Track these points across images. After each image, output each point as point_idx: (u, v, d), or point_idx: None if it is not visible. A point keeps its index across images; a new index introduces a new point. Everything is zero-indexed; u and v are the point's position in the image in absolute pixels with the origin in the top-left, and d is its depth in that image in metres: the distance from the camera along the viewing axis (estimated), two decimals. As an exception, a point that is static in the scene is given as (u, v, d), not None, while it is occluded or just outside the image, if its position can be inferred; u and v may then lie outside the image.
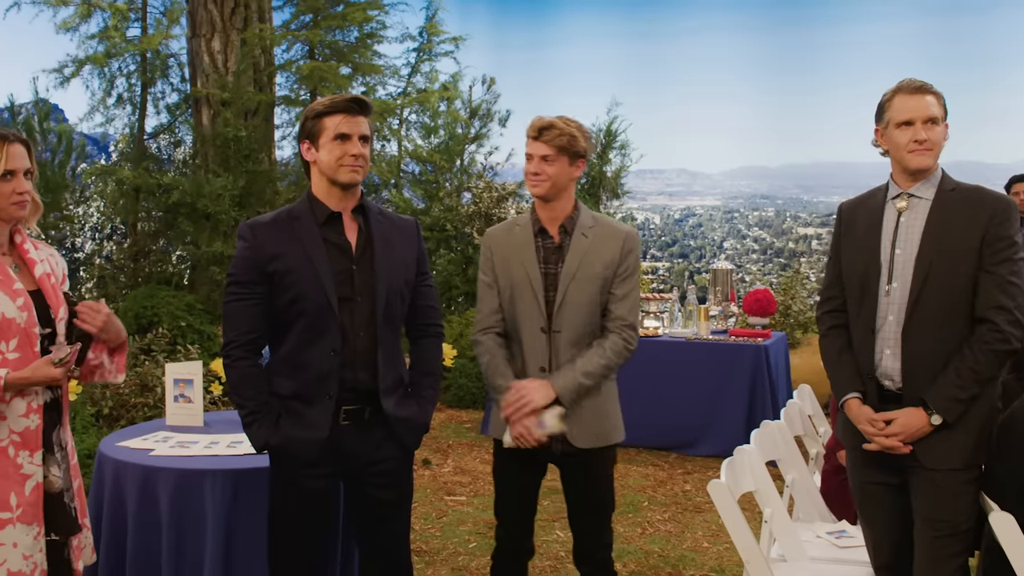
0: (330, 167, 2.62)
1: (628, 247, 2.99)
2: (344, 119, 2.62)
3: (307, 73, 9.02)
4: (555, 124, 2.95)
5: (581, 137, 2.97)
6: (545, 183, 2.95)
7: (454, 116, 10.54)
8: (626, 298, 2.97)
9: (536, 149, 2.96)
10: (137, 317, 7.67)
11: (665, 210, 28.21)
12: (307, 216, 2.65)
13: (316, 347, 2.58)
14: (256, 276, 2.59)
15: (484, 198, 9.44)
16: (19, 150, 2.58)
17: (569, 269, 2.95)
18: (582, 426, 2.97)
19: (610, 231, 3.01)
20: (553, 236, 3.00)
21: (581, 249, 2.97)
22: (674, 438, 6.30)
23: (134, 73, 9.40)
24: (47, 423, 2.58)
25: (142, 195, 8.96)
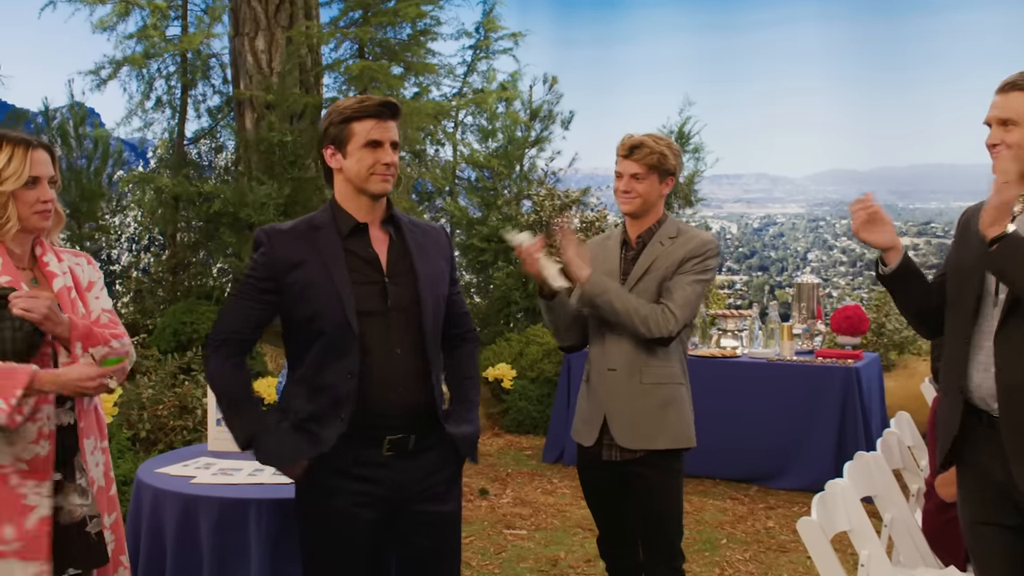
0: (359, 176, 2.62)
1: (696, 251, 3.23)
2: (376, 124, 2.61)
3: (356, 73, 9.12)
4: (645, 143, 3.23)
5: (671, 155, 3.26)
6: (635, 200, 3.27)
7: (513, 118, 10.59)
8: (676, 289, 3.20)
9: (626, 167, 3.25)
10: (176, 334, 7.81)
11: (743, 218, 28.00)
12: (329, 227, 2.65)
13: (334, 369, 2.57)
14: (271, 284, 2.60)
15: (546, 206, 9.46)
16: (43, 156, 2.61)
17: (635, 273, 3.25)
18: (633, 425, 3.21)
19: (686, 239, 3.27)
20: (634, 247, 3.31)
21: (653, 255, 3.26)
22: (755, 469, 6.21)
23: (174, 74, 9.61)
24: (67, 447, 2.62)
25: (181, 204, 9.14)
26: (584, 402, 3.36)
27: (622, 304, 3.16)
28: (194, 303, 8.27)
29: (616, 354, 3.25)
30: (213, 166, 9.86)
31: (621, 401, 3.23)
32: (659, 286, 3.22)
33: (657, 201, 3.29)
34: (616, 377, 3.24)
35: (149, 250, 9.94)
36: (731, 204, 32.54)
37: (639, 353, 3.22)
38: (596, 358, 3.31)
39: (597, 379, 3.29)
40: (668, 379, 3.25)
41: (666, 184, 3.29)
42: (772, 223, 28.05)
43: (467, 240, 10.12)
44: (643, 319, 3.15)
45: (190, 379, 6.08)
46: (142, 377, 6.01)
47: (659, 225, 3.31)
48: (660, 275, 3.22)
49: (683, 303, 3.18)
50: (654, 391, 3.22)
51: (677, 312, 3.17)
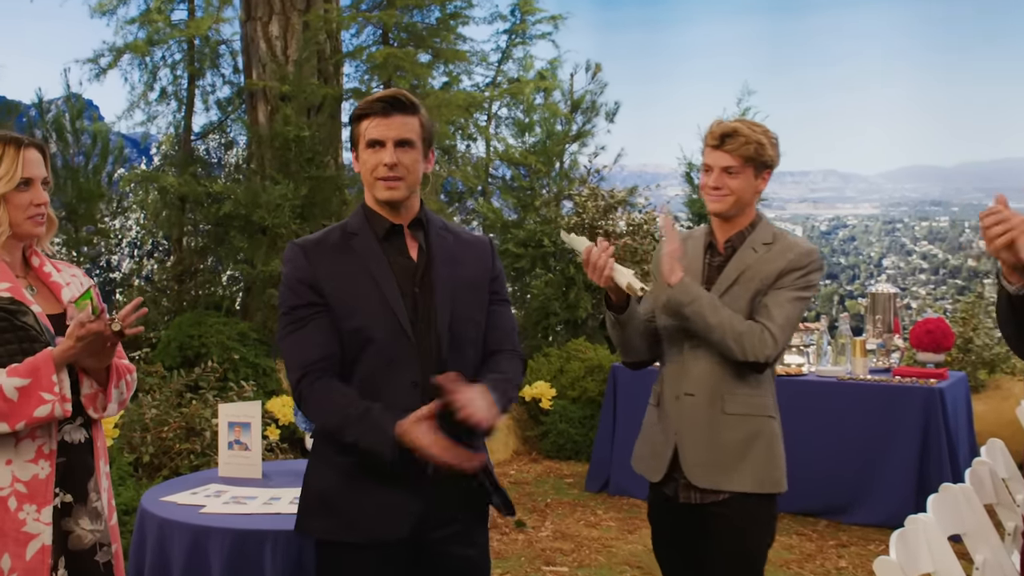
0: (366, 181, 2.66)
1: (798, 263, 3.07)
2: (376, 122, 2.62)
3: (380, 61, 9.17)
4: (739, 130, 3.06)
5: (769, 145, 3.09)
6: (727, 198, 3.10)
7: (552, 110, 10.59)
8: (774, 307, 3.04)
9: (717, 159, 3.08)
10: (182, 348, 7.87)
11: (809, 220, 27.82)
12: (365, 230, 2.67)
13: (391, 381, 2.59)
14: (312, 297, 2.60)
15: (588, 208, 9.44)
16: (35, 156, 2.66)
17: (722, 283, 3.10)
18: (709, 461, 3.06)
19: (785, 247, 3.12)
20: (721, 252, 3.17)
21: (743, 263, 3.10)
22: (824, 502, 6.16)
23: (179, 63, 9.69)
24: (79, 467, 2.65)
25: (188, 205, 9.23)
26: (652, 429, 3.23)
27: (715, 316, 3.00)
28: (202, 314, 8.34)
29: (695, 376, 3.10)
30: (223, 164, 9.94)
31: (697, 432, 3.09)
32: (750, 301, 3.06)
33: (752, 199, 3.13)
34: (693, 404, 3.09)
35: (153, 256, 10.04)
36: (795, 204, 32.34)
37: (725, 377, 3.07)
38: (670, 379, 3.17)
39: (670, 404, 3.15)
40: (757, 410, 3.10)
41: (763, 179, 3.12)
42: (842, 225, 27.84)
43: (501, 245, 10.13)
44: (738, 337, 2.99)
45: (198, 398, 6.12)
46: (145, 396, 6.07)
47: (752, 228, 3.15)
48: (752, 288, 3.07)
49: (783, 323, 3.02)
50: (738, 424, 3.07)
51: (777, 333, 3.01)
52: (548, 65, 10.87)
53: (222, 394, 6.43)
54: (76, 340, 2.54)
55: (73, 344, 2.55)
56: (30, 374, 2.52)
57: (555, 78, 10.82)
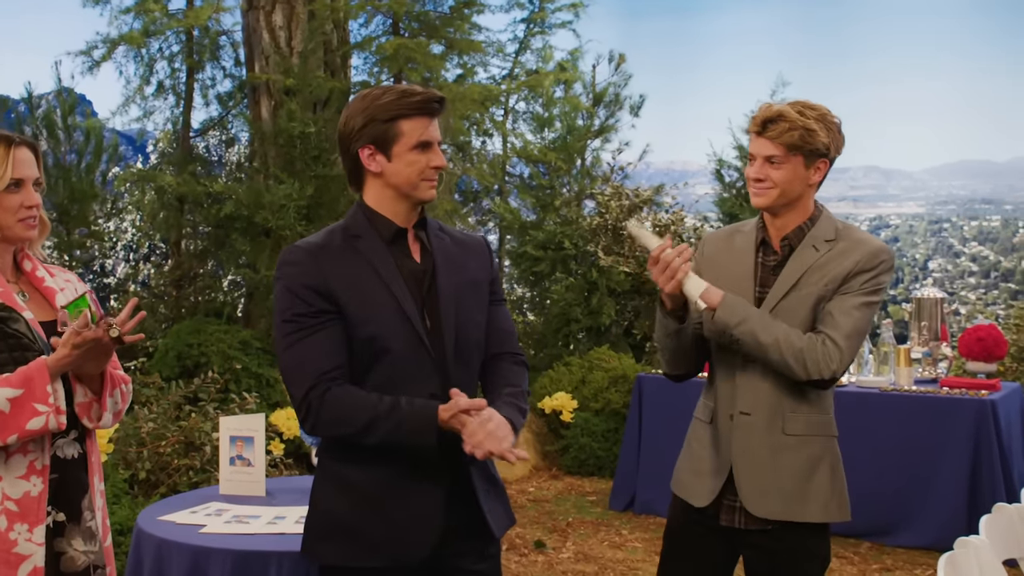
0: (409, 182, 2.65)
1: (868, 263, 2.96)
2: (429, 123, 2.66)
3: (390, 53, 9.18)
4: (785, 114, 2.92)
5: (822, 130, 2.94)
6: (771, 191, 2.97)
7: (573, 104, 10.60)
8: (840, 314, 2.93)
9: (760, 148, 2.96)
10: (180, 357, 7.90)
11: (849, 220, 27.76)
12: (369, 233, 2.69)
13: (408, 393, 2.60)
14: (323, 304, 2.60)
15: (612, 207, 9.44)
16: (26, 155, 2.67)
17: (780, 288, 2.98)
18: (771, 488, 2.96)
19: (852, 244, 3.00)
20: (777, 251, 3.04)
21: (803, 263, 2.98)
22: (866, 522, 6.13)
23: (177, 55, 9.73)
24: (72, 484, 2.66)
25: (187, 206, 9.26)
26: (702, 449, 3.11)
27: (769, 335, 2.88)
28: (202, 321, 8.37)
29: (751, 394, 3.00)
30: (224, 162, 9.97)
31: (755, 455, 2.99)
32: (814, 307, 2.95)
33: (804, 192, 2.98)
34: (750, 424, 3.00)
35: (149, 260, 10.07)
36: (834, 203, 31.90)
37: (784, 394, 2.98)
38: (724, 395, 3.06)
39: (725, 423, 3.05)
40: (820, 430, 3.03)
41: (816, 169, 2.97)
42: (884, 225, 27.71)
43: (519, 247, 10.14)
44: (798, 354, 2.88)
45: (197, 410, 6.15)
46: (141, 408, 6.09)
47: (812, 224, 3.02)
48: (815, 292, 2.95)
49: (850, 333, 2.91)
50: (800, 445, 3.00)
51: (843, 345, 2.90)
52: (569, 56, 10.88)
53: (223, 406, 6.45)
54: (72, 348, 2.54)
55: (68, 352, 2.54)
56: (23, 384, 2.52)
57: (576, 69, 10.83)
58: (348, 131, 2.68)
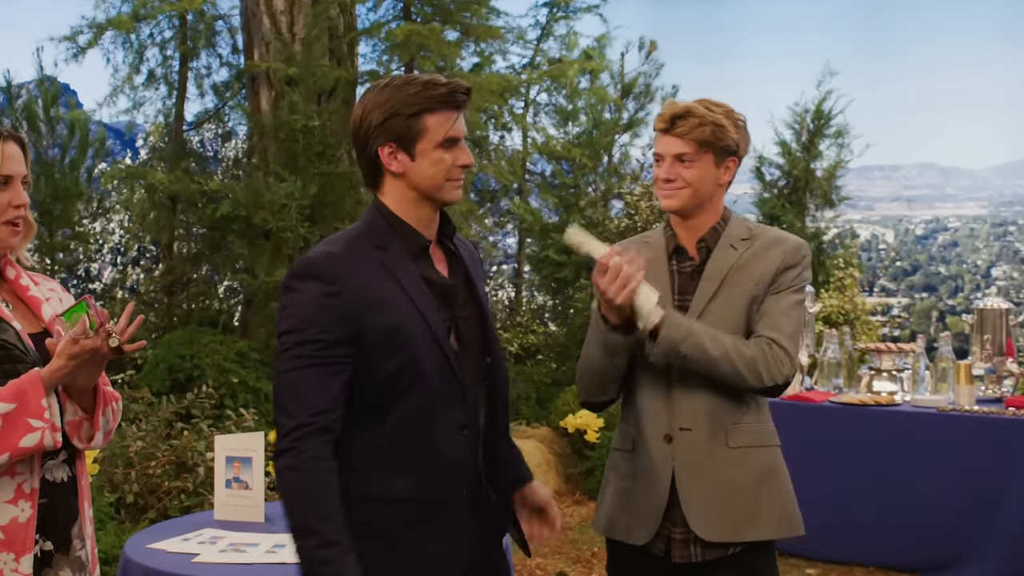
0: (434, 183, 2.60)
1: (794, 258, 3.06)
2: (455, 117, 2.61)
3: (401, 40, 9.18)
4: (693, 110, 3.01)
5: (731, 126, 3.04)
6: (682, 192, 3.05)
7: (600, 95, 10.59)
8: (778, 314, 3.02)
9: (667, 146, 3.05)
10: (172, 370, 7.93)
11: (902, 223, 27.53)
12: (394, 245, 2.63)
13: (435, 427, 2.58)
14: (344, 333, 2.52)
15: (642, 208, 9.44)
16: (14, 151, 2.64)
17: (704, 292, 3.03)
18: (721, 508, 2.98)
19: (770, 241, 3.09)
20: (693, 256, 3.10)
21: (724, 264, 3.05)
22: (923, 554, 6.09)
23: (170, 42, 9.78)
24: (62, 509, 2.65)
25: (180, 206, 9.30)
26: (629, 481, 3.10)
27: (718, 347, 2.92)
28: (195, 331, 8.39)
29: (690, 407, 3.01)
30: (220, 158, 10.02)
31: (699, 474, 2.99)
32: (747, 308, 3.02)
33: (715, 192, 3.07)
34: (692, 440, 3.00)
35: (138, 264, 10.11)
36: (886, 204, 31.96)
37: (725, 405, 3.01)
38: (654, 416, 3.05)
39: (658, 446, 3.03)
40: (763, 440, 3.06)
41: (726, 169, 3.07)
42: (942, 228, 27.58)
43: (540, 252, 10.14)
44: (750, 363, 2.93)
45: (190, 428, 6.16)
46: (129, 426, 6.11)
47: (724, 224, 3.11)
48: (747, 292, 3.02)
49: (791, 333, 3.00)
50: (746, 458, 3.02)
51: (790, 348, 2.98)
52: (595, 43, 10.88)
53: (218, 424, 6.46)
54: (68, 359, 2.52)
55: (65, 364, 2.52)
56: (15, 398, 2.50)
57: (603, 58, 10.83)
58: (365, 127, 2.60)
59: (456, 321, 2.65)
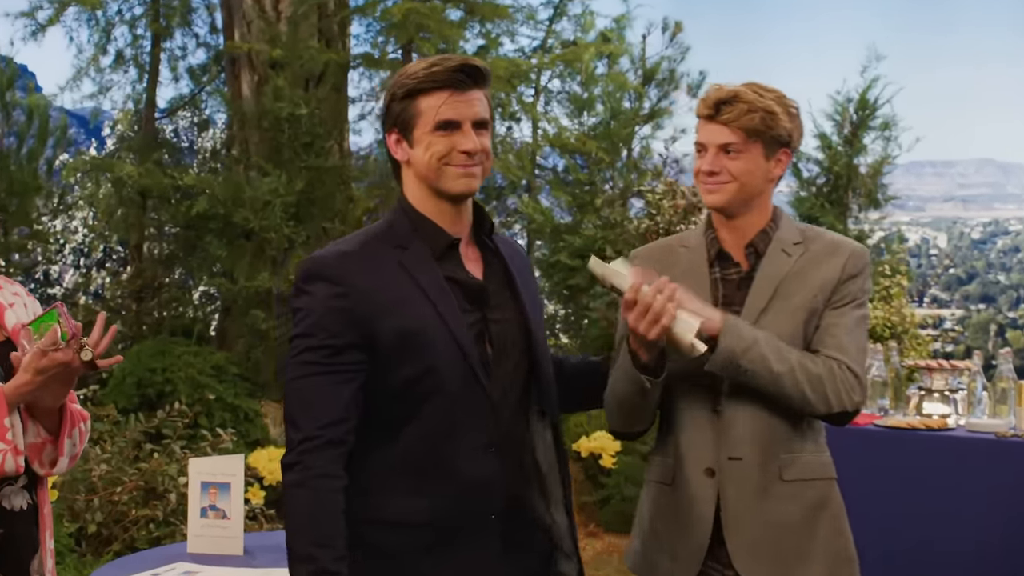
0: (430, 171, 2.64)
1: (852, 269, 2.99)
2: (450, 98, 2.63)
3: (398, 19, 9.18)
4: (741, 95, 2.94)
5: (783, 114, 2.98)
6: (727, 187, 2.98)
7: (619, 82, 10.60)
8: (842, 332, 2.96)
9: (711, 135, 2.99)
10: (141, 385, 7.93)
11: (956, 225, 27.43)
12: (415, 244, 2.67)
13: (459, 444, 2.60)
14: (354, 337, 2.57)
15: (664, 208, 9.43)
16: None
17: (754, 304, 2.96)
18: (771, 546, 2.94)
19: (827, 247, 3.03)
20: (739, 262, 3.04)
21: (778, 272, 2.99)
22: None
23: (141, 19, 9.78)
24: (22, 541, 2.65)
25: (151, 202, 9.31)
26: (666, 519, 3.05)
27: (783, 361, 2.87)
28: (167, 342, 8.40)
29: (741, 433, 2.96)
30: (196, 149, 10.03)
31: (748, 508, 2.95)
32: (805, 324, 2.96)
33: (764, 187, 3.02)
34: (741, 471, 2.96)
35: (104, 266, 10.12)
36: (938, 204, 31.87)
37: (780, 432, 2.96)
38: (696, 446, 3.00)
39: (699, 478, 3.00)
40: (820, 472, 3.02)
41: (777, 162, 3.00)
42: (1002, 232, 27.52)
43: (552, 256, 10.14)
44: (817, 384, 2.88)
45: (161, 450, 6.17)
46: (93, 448, 6.10)
47: (775, 225, 3.05)
48: (804, 306, 2.96)
49: (857, 355, 2.95)
50: (801, 492, 2.97)
51: (859, 371, 2.92)
52: (613, 24, 10.89)
53: (192, 445, 6.47)
54: (36, 373, 2.53)
55: (31, 379, 2.53)
56: None
57: (622, 41, 10.84)
58: (382, 113, 2.73)
59: (486, 324, 2.67)
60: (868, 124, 10.31)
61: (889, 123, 10.39)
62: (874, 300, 9.78)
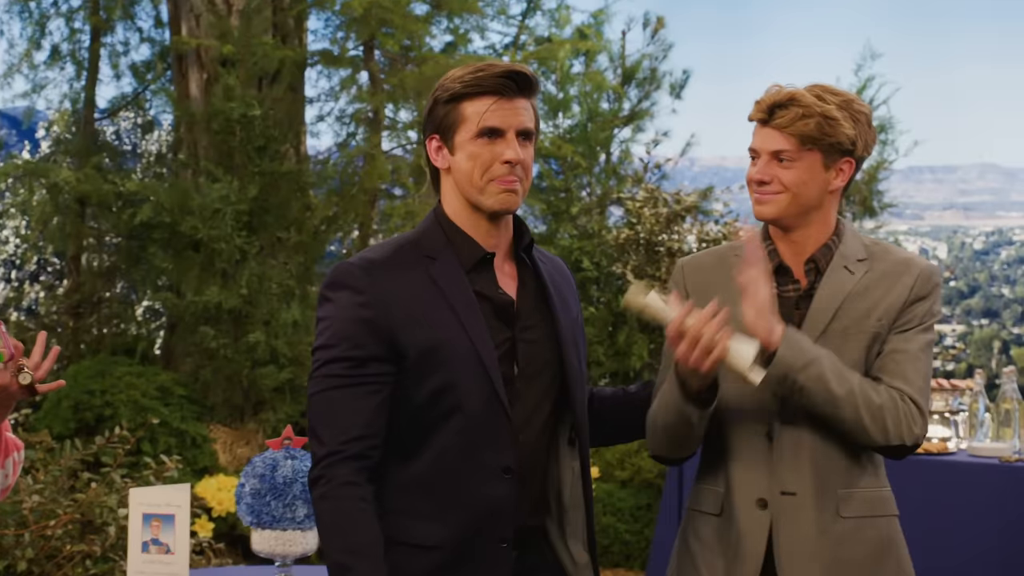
0: (471, 182, 2.69)
1: (922, 290, 2.96)
2: (495, 104, 2.68)
3: (359, 13, 9.19)
4: (798, 98, 2.91)
5: (846, 119, 2.93)
6: (779, 198, 2.96)
7: (596, 82, 10.62)
8: (906, 361, 2.92)
9: (765, 140, 2.96)
10: (78, 409, 7.89)
11: (957, 234, 27.62)
12: (446, 255, 2.72)
13: (474, 467, 2.64)
14: (378, 349, 2.63)
15: (645, 216, 9.44)
16: None
17: (814, 324, 2.93)
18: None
19: (895, 265, 3.00)
20: (799, 277, 3.01)
21: (840, 290, 2.95)
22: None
23: (78, 11, 9.75)
24: None
25: (90, 209, 9.27)
26: (713, 553, 3.02)
27: (843, 385, 2.82)
28: (107, 361, 8.37)
29: (795, 465, 2.93)
30: (139, 152, 9.98)
31: (804, 548, 2.91)
32: (867, 348, 2.94)
33: (823, 199, 2.99)
34: (796, 507, 2.93)
35: (39, 279, 10.07)
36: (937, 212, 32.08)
37: (839, 464, 2.94)
38: (747, 475, 2.97)
39: (750, 509, 2.96)
40: (882, 509, 3.02)
41: (838, 171, 2.97)
42: (1006, 242, 27.69)
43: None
44: (877, 412, 2.85)
45: (99, 479, 6.13)
46: (24, 477, 6.06)
47: (838, 240, 3.02)
48: (867, 329, 2.94)
49: (924, 386, 2.91)
50: (862, 531, 2.95)
51: (922, 403, 2.89)
52: (591, 19, 10.91)
53: (134, 473, 6.43)
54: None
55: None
56: None
57: (600, 37, 10.86)
58: (424, 119, 2.78)
59: (515, 343, 2.71)
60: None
61: (885, 126, 10.45)
62: (870, 315, 9.81)
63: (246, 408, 8.61)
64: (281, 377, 8.37)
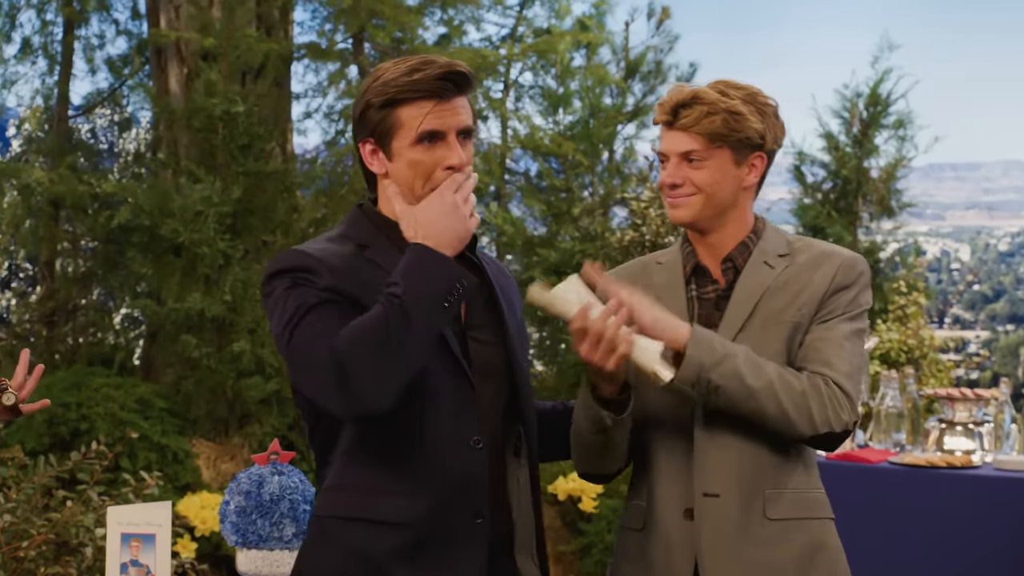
0: (412, 191, 2.71)
1: (844, 279, 3.02)
2: (435, 108, 2.69)
3: (348, 4, 9.22)
4: (700, 96, 2.98)
5: (752, 113, 3.01)
6: (693, 200, 3.02)
7: (599, 75, 10.62)
8: (830, 347, 2.97)
9: (672, 143, 3.03)
10: (52, 423, 7.89)
11: (981, 235, 27.66)
12: (380, 242, 2.74)
13: (445, 436, 2.66)
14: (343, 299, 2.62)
15: (650, 217, 9.46)
16: None
17: (732, 320, 3.00)
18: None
19: (815, 257, 3.06)
20: (717, 278, 3.08)
21: (758, 285, 3.02)
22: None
23: (51, 2, 9.74)
24: None
25: (64, 212, 9.28)
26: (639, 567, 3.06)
27: (760, 377, 2.87)
28: (83, 372, 8.37)
29: (718, 466, 2.97)
30: (116, 152, 9.99)
31: (729, 553, 2.95)
32: (788, 339, 2.99)
33: (737, 197, 3.06)
34: (720, 509, 2.96)
35: (10, 286, 10.07)
36: (959, 212, 32.13)
37: (764, 463, 2.98)
38: (670, 483, 3.02)
39: (675, 521, 2.99)
40: (812, 510, 3.03)
41: (750, 167, 3.04)
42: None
43: (524, 271, 10.14)
44: (800, 401, 2.88)
45: (75, 497, 6.13)
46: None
47: (756, 237, 3.10)
48: (783, 322, 2.99)
49: (850, 372, 2.95)
50: (791, 533, 2.97)
51: (848, 388, 2.93)
52: (592, 10, 10.91)
53: (112, 491, 6.43)
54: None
55: None
56: None
57: (602, 29, 10.86)
58: (353, 119, 2.78)
59: (465, 337, 2.72)
60: (880, 122, 10.35)
61: (904, 121, 10.42)
62: (888, 321, 9.82)
63: (231, 421, 8.59)
64: (267, 388, 8.35)
